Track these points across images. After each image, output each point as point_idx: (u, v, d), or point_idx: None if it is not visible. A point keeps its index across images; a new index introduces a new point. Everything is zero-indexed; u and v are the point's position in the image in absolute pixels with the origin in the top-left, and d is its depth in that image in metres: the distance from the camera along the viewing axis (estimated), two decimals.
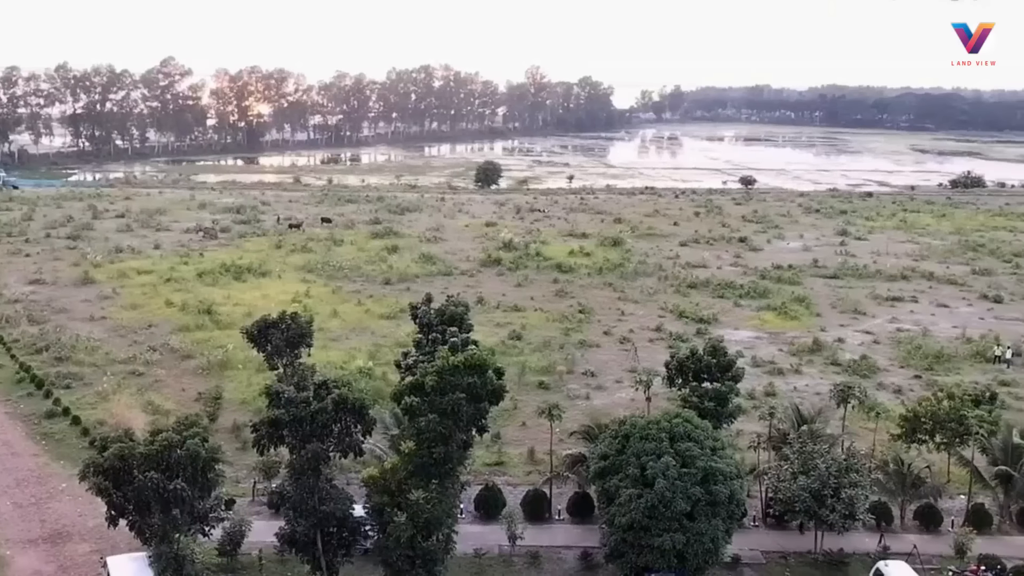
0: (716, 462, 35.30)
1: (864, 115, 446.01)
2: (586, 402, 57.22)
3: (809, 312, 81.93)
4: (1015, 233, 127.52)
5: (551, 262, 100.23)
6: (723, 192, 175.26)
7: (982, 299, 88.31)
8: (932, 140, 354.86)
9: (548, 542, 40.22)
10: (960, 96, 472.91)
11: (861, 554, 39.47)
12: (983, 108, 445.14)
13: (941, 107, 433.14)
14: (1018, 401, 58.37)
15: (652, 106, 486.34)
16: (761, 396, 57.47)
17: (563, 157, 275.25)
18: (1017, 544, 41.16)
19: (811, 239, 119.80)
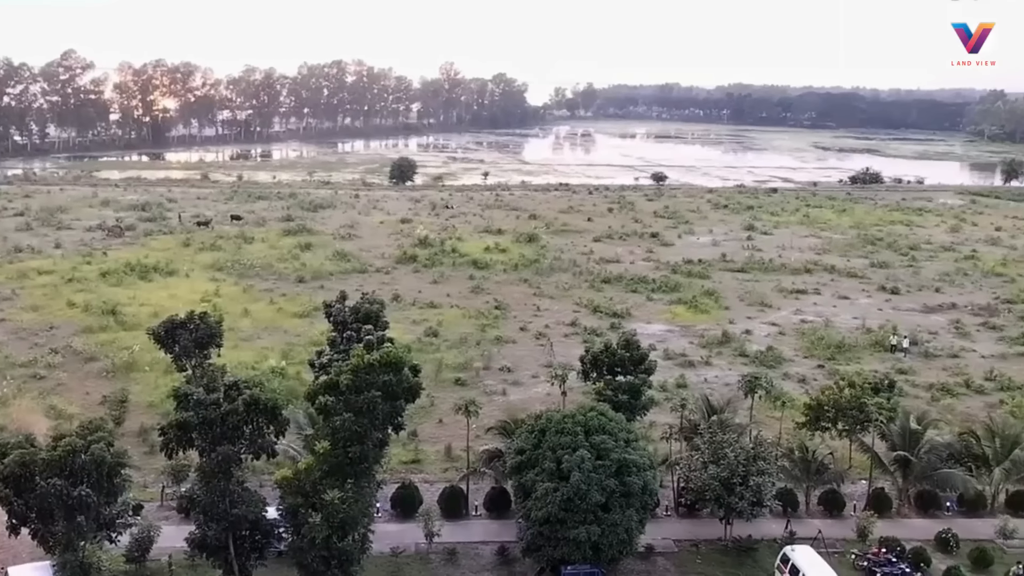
0: (630, 454, 35.94)
1: (769, 113, 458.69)
2: (503, 398, 57.51)
3: (718, 305, 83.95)
4: (911, 227, 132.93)
5: (467, 259, 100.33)
6: (635, 188, 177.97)
7: (880, 291, 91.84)
8: (833, 138, 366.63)
9: (465, 538, 40.33)
10: (859, 96, 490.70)
11: (769, 540, 40.63)
12: (881, 107, 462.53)
13: (841, 106, 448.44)
14: (914, 388, 60.92)
15: (566, 103, 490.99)
16: (673, 388, 58.62)
17: (478, 154, 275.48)
18: (915, 526, 42.94)
19: (720, 234, 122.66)
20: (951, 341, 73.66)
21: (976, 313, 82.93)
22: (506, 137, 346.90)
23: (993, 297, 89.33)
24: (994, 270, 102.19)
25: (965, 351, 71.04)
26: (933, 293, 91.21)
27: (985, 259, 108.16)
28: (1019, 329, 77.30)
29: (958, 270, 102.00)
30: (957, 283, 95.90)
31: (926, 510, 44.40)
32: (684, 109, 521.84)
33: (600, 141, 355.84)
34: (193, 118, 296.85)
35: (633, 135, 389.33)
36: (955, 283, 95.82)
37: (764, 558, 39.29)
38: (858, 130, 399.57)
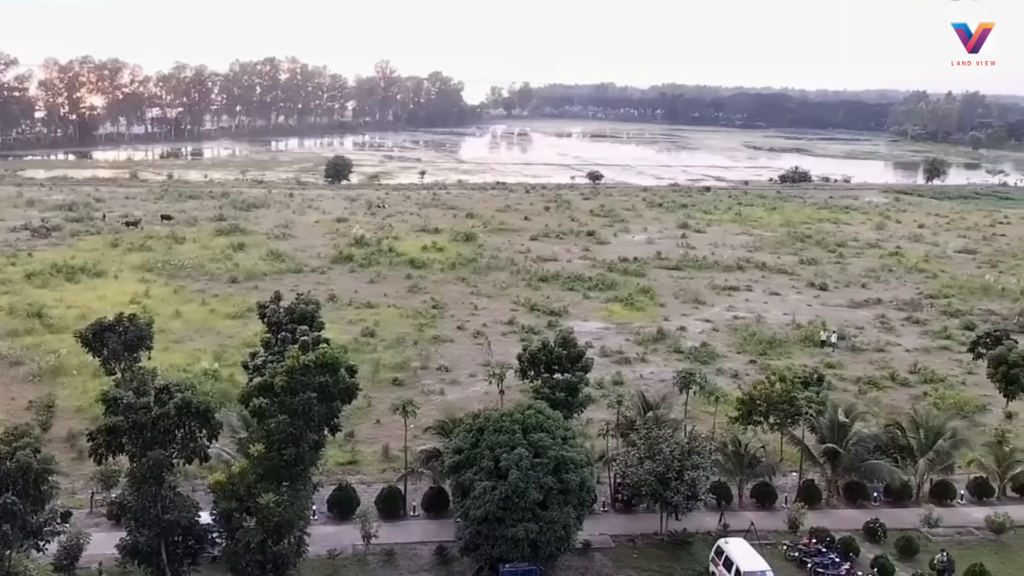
0: (567, 451, 36.20)
1: (702, 113, 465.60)
2: (440, 397, 57.41)
3: (653, 302, 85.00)
4: (838, 225, 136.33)
5: (404, 258, 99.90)
6: (572, 187, 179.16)
7: (809, 287, 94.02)
8: (764, 137, 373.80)
9: (403, 539, 40.17)
10: (788, 96, 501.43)
11: (703, 533, 41.24)
12: (809, 107, 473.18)
13: (771, 106, 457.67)
14: (842, 382, 62.49)
15: (502, 102, 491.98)
16: (609, 385, 59.18)
17: (415, 152, 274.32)
18: (844, 516, 44.03)
19: (655, 232, 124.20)
20: (877, 335, 75.75)
21: (900, 308, 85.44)
22: (443, 136, 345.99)
23: (916, 292, 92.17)
24: (917, 266, 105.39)
25: (890, 345, 73.12)
26: (860, 289, 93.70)
27: (909, 256, 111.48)
28: (941, 323, 79.88)
29: (883, 266, 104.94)
30: (882, 279, 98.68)
31: (854, 501, 45.57)
32: (619, 109, 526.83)
33: (537, 140, 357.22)
34: (121, 116, 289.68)
35: (569, 134, 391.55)
36: (880, 279, 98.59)
37: (699, 551, 39.91)
38: (787, 130, 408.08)
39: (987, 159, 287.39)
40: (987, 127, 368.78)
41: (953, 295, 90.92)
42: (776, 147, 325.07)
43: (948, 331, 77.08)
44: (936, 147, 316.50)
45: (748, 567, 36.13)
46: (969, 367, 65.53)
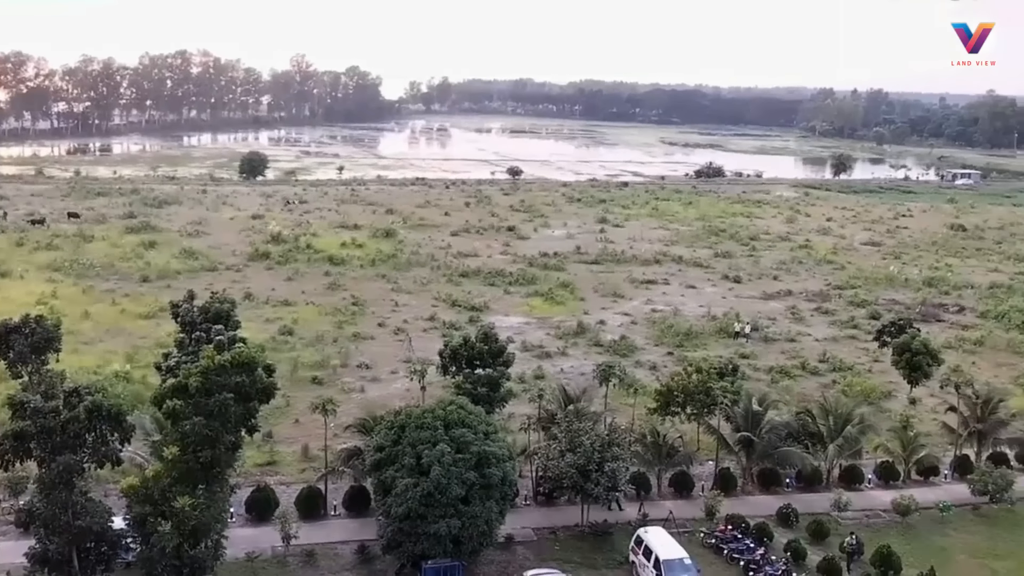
0: (489, 446, 36.34)
1: (619, 109, 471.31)
2: (361, 395, 56.98)
3: (574, 297, 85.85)
4: (751, 219, 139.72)
5: (322, 255, 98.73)
6: (492, 182, 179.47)
7: (724, 280, 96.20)
8: (679, 133, 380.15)
9: (324, 539, 39.78)
10: (702, 92, 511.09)
11: (623, 523, 41.80)
12: (722, 104, 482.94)
13: (686, 102, 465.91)
14: (756, 372, 64.11)
15: (421, 97, 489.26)
16: (531, 379, 59.57)
17: (332, 148, 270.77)
18: (758, 503, 45.23)
19: (574, 227, 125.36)
20: (788, 326, 77.95)
21: (810, 299, 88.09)
22: (361, 131, 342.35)
23: (825, 284, 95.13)
24: (826, 258, 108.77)
25: (801, 335, 75.33)
26: (771, 281, 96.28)
27: (818, 248, 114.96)
28: (848, 313, 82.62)
29: (794, 259, 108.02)
30: (793, 271, 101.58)
31: (768, 487, 46.83)
32: (538, 104, 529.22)
33: (456, 135, 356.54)
34: (26, 110, 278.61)
35: (489, 130, 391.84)
36: (791, 271, 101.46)
37: (619, 541, 40.50)
38: (702, 126, 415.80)
39: (890, 154, 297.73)
40: (890, 124, 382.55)
41: (859, 286, 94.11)
42: (691, 143, 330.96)
43: (855, 321, 79.79)
44: (842, 143, 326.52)
45: (666, 555, 36.84)
46: (875, 355, 67.96)
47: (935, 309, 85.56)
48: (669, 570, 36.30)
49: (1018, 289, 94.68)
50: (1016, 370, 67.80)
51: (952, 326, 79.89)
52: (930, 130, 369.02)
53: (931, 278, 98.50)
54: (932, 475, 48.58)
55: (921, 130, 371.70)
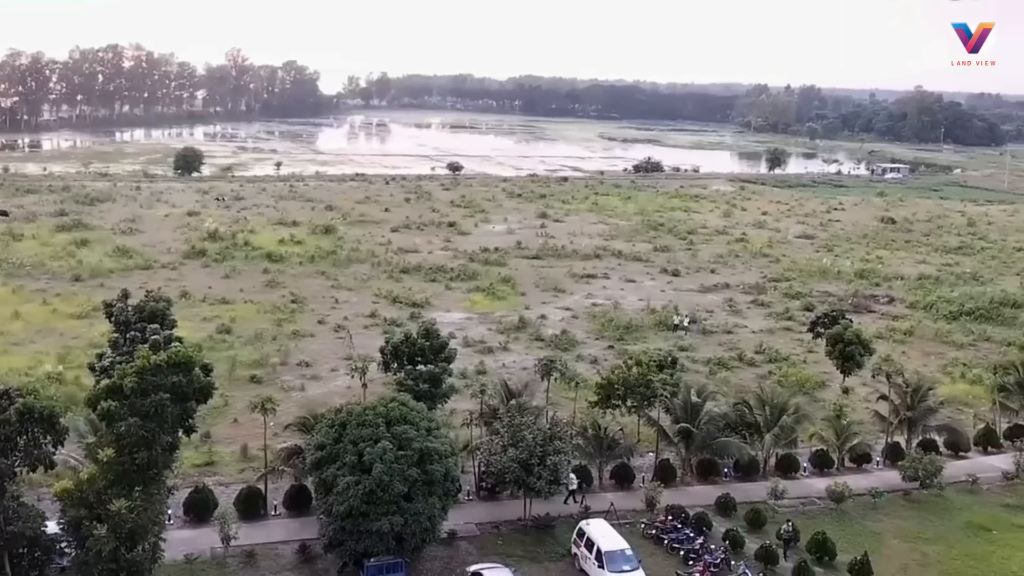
0: (432, 442, 36.31)
1: (559, 104, 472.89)
2: (301, 393, 56.43)
3: (515, 292, 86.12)
4: (689, 213, 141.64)
5: (261, 252, 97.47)
6: (432, 178, 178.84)
7: (663, 273, 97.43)
8: (618, 128, 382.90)
9: (264, 539, 39.36)
10: (640, 89, 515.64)
11: (565, 516, 42.18)
12: (660, 99, 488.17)
13: (624, 98, 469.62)
14: (694, 364, 65.07)
15: (360, 92, 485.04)
16: (473, 375, 59.54)
17: (270, 143, 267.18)
18: (697, 493, 45.92)
19: (515, 222, 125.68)
20: (726, 318, 79.27)
21: (747, 292, 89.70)
22: (299, 126, 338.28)
23: (761, 276, 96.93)
24: (761, 251, 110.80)
25: (738, 327, 76.68)
26: (709, 274, 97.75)
27: (753, 241, 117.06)
28: (784, 305, 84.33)
29: (730, 252, 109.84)
30: (730, 264, 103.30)
31: (707, 477, 47.59)
32: (478, 100, 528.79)
33: (396, 131, 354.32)
34: None
35: (429, 125, 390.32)
36: (728, 264, 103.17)
37: (562, 534, 40.83)
38: (640, 121, 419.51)
39: (823, 149, 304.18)
40: (822, 119, 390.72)
41: (794, 278, 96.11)
42: (630, 138, 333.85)
43: (790, 312, 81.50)
44: (777, 138, 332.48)
45: (608, 547, 37.26)
46: (809, 346, 69.52)
47: (866, 300, 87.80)
48: (611, 561, 36.73)
49: (945, 280, 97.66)
50: (944, 359, 69.97)
51: (883, 317, 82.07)
52: (861, 125, 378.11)
53: (862, 270, 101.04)
54: (865, 462, 49.86)
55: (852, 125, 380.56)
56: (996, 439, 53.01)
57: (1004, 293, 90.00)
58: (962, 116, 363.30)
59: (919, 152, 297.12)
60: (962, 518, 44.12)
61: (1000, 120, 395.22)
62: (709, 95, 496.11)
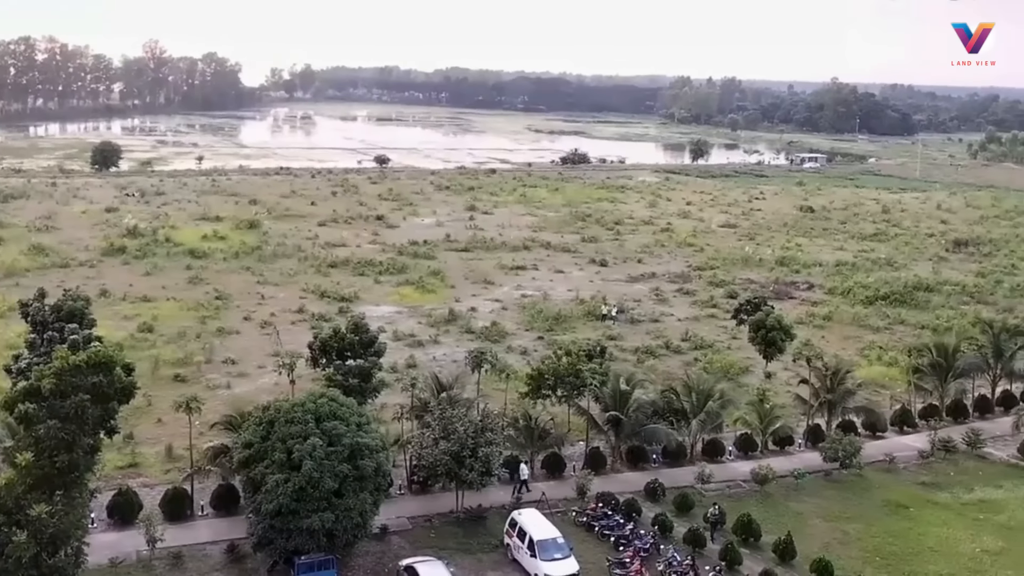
0: (362, 437, 36.08)
1: (485, 96, 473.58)
2: (227, 391, 55.49)
3: (444, 284, 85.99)
4: (615, 204, 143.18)
5: (183, 248, 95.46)
6: (359, 171, 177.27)
7: (591, 264, 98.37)
8: (545, 120, 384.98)
9: (192, 540, 38.67)
10: (566, 81, 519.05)
11: (498, 507, 42.34)
12: (585, 92, 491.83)
13: (551, 90, 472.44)
14: (623, 352, 65.90)
15: (283, 85, 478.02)
16: (403, 368, 59.37)
17: (191, 137, 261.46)
18: (627, 479, 46.53)
19: (443, 215, 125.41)
20: (653, 307, 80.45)
21: (672, 281, 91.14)
22: (221, 119, 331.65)
23: (686, 265, 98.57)
24: (686, 241, 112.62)
25: (664, 316, 77.91)
26: (636, 264, 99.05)
27: (678, 231, 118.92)
28: (708, 293, 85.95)
29: (656, 242, 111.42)
30: (656, 254, 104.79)
31: (636, 464, 48.26)
32: (404, 92, 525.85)
33: (321, 123, 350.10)
34: None
35: (355, 117, 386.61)
36: (654, 254, 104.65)
37: (494, 525, 41.01)
38: (566, 113, 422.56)
39: (744, 140, 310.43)
40: (743, 110, 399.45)
41: (718, 267, 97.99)
42: (556, 130, 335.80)
43: (714, 300, 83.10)
44: (699, 129, 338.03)
45: (540, 536, 37.58)
46: (733, 332, 70.99)
47: (787, 287, 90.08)
48: (543, 550, 37.06)
49: (861, 266, 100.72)
50: (861, 342, 72.19)
51: (803, 303, 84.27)
52: (780, 116, 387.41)
53: (783, 257, 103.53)
54: (787, 445, 51.19)
55: (771, 116, 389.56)
56: (911, 419, 54.98)
57: (917, 278, 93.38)
58: (876, 107, 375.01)
59: (836, 142, 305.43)
60: (880, 496, 45.64)
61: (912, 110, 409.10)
62: (634, 87, 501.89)
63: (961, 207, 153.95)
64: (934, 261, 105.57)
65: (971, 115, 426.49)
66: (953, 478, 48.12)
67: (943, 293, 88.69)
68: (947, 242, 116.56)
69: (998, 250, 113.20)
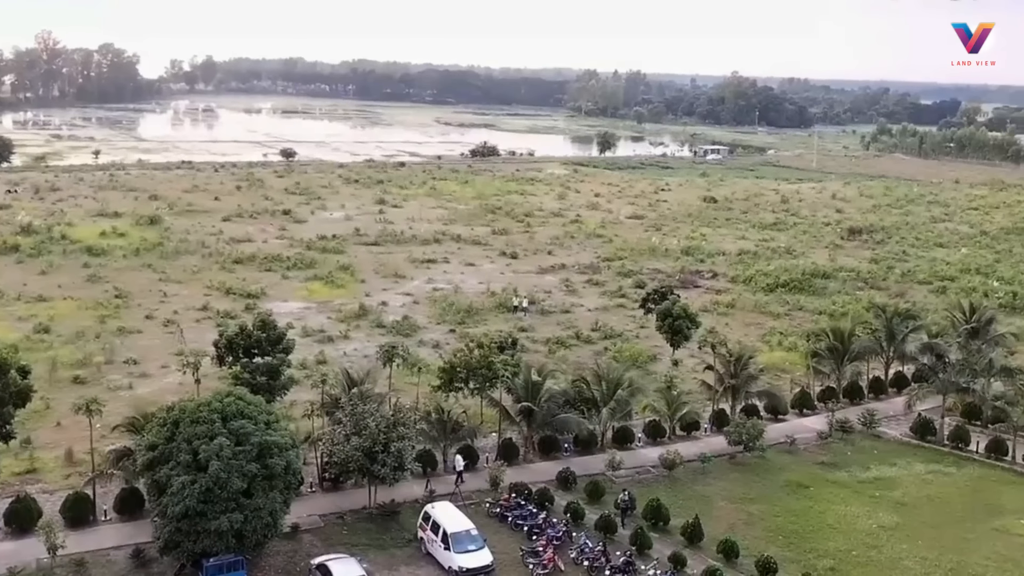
0: (271, 435, 35.57)
1: (393, 89, 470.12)
2: (130, 392, 53.93)
3: (354, 279, 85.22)
4: (525, 196, 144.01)
5: (80, 245, 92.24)
6: (264, 165, 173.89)
7: (502, 256, 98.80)
8: (454, 113, 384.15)
9: (95, 545, 37.49)
10: (475, 73, 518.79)
11: (411, 501, 42.29)
12: (494, 84, 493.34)
13: (459, 83, 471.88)
14: (534, 344, 66.48)
15: (184, 76, 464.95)
16: (313, 365, 58.64)
17: (87, 131, 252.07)
18: (540, 469, 46.99)
19: (352, 209, 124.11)
20: (563, 298, 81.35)
21: (582, 271, 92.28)
22: (119, 113, 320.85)
23: (595, 256, 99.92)
24: (595, 232, 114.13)
25: (575, 306, 78.84)
26: (546, 255, 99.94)
27: (587, 223, 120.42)
28: (617, 283, 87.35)
29: (566, 233, 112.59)
30: (565, 245, 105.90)
31: (548, 453, 48.77)
32: (310, 84, 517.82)
33: (224, 116, 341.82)
34: None
35: (259, 110, 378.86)
36: (564, 245, 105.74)
37: (407, 519, 40.93)
38: (475, 106, 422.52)
39: (649, 132, 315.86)
40: (648, 103, 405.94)
41: (626, 257, 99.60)
42: (466, 122, 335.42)
43: (623, 290, 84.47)
44: (606, 122, 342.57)
45: (454, 528, 37.69)
46: (641, 322, 72.34)
47: (692, 276, 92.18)
48: (456, 542, 37.19)
49: (762, 255, 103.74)
50: (763, 328, 74.44)
51: (707, 291, 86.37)
52: (683, 109, 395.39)
53: (688, 247, 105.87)
54: (694, 430, 52.46)
55: (675, 109, 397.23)
56: (811, 402, 56.98)
57: (815, 265, 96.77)
58: (774, 100, 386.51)
59: (737, 134, 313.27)
60: (782, 477, 47.23)
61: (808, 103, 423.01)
62: (542, 80, 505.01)
63: (855, 196, 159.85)
64: (830, 249, 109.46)
65: (863, 108, 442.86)
66: (850, 457, 50.11)
67: (839, 279, 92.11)
68: (842, 230, 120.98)
69: (890, 238, 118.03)
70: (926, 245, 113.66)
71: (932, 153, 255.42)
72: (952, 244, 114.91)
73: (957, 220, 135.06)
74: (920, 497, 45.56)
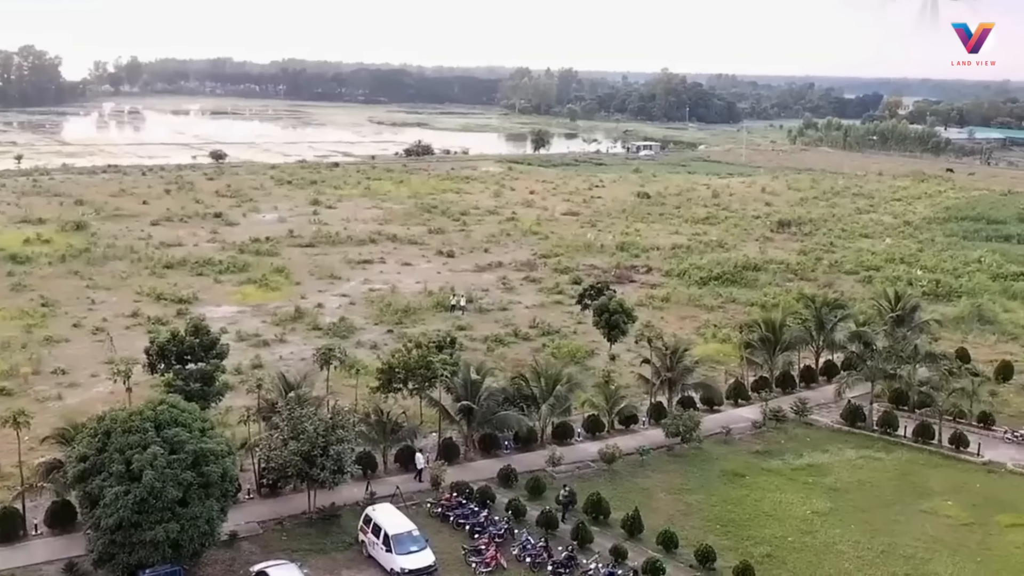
0: (206, 443, 35.07)
1: (325, 89, 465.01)
2: (58, 403, 52.57)
3: (289, 281, 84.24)
4: (460, 194, 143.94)
5: (3, 253, 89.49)
6: (194, 167, 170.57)
7: (438, 255, 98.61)
8: (387, 112, 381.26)
9: (25, 561, 36.51)
10: (407, 72, 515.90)
11: (351, 504, 42.02)
12: (427, 83, 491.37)
13: (392, 82, 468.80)
14: (473, 342, 66.51)
15: (108, 78, 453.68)
16: (248, 369, 57.86)
17: (8, 135, 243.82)
18: (480, 467, 47.09)
19: (285, 210, 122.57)
20: (500, 296, 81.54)
21: (519, 269, 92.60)
22: (41, 116, 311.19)
23: (532, 254, 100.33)
24: (531, 229, 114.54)
25: (512, 304, 79.09)
26: (483, 253, 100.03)
27: (523, 220, 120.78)
28: (554, 280, 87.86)
29: (502, 231, 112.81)
30: (502, 243, 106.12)
31: (489, 451, 48.88)
32: (239, 84, 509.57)
33: (151, 118, 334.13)
34: None
35: (187, 112, 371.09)
36: (500, 243, 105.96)
37: (348, 522, 40.68)
38: (408, 104, 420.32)
39: (583, 129, 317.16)
40: (581, 100, 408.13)
41: (562, 254, 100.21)
42: (399, 122, 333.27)
43: (560, 287, 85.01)
44: (540, 119, 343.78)
45: (395, 530, 37.55)
46: (578, 317, 72.87)
47: (627, 271, 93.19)
48: (398, 544, 37.07)
49: (695, 249, 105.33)
50: (697, 321, 75.62)
51: (643, 286, 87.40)
52: (615, 106, 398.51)
53: (623, 243, 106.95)
54: (632, 423, 53.13)
55: (608, 106, 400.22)
56: (745, 392, 58.08)
57: (746, 258, 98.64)
58: (704, 96, 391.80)
59: (668, 130, 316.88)
60: (719, 467, 48.10)
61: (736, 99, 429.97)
62: (475, 78, 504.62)
63: (783, 190, 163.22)
64: (760, 242, 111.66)
65: (789, 103, 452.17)
66: (784, 446, 51.24)
67: (769, 272, 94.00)
68: (772, 223, 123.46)
69: (817, 229, 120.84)
70: (852, 236, 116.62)
71: (856, 146, 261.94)
72: (877, 235, 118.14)
73: (881, 211, 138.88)
74: (852, 482, 46.81)
